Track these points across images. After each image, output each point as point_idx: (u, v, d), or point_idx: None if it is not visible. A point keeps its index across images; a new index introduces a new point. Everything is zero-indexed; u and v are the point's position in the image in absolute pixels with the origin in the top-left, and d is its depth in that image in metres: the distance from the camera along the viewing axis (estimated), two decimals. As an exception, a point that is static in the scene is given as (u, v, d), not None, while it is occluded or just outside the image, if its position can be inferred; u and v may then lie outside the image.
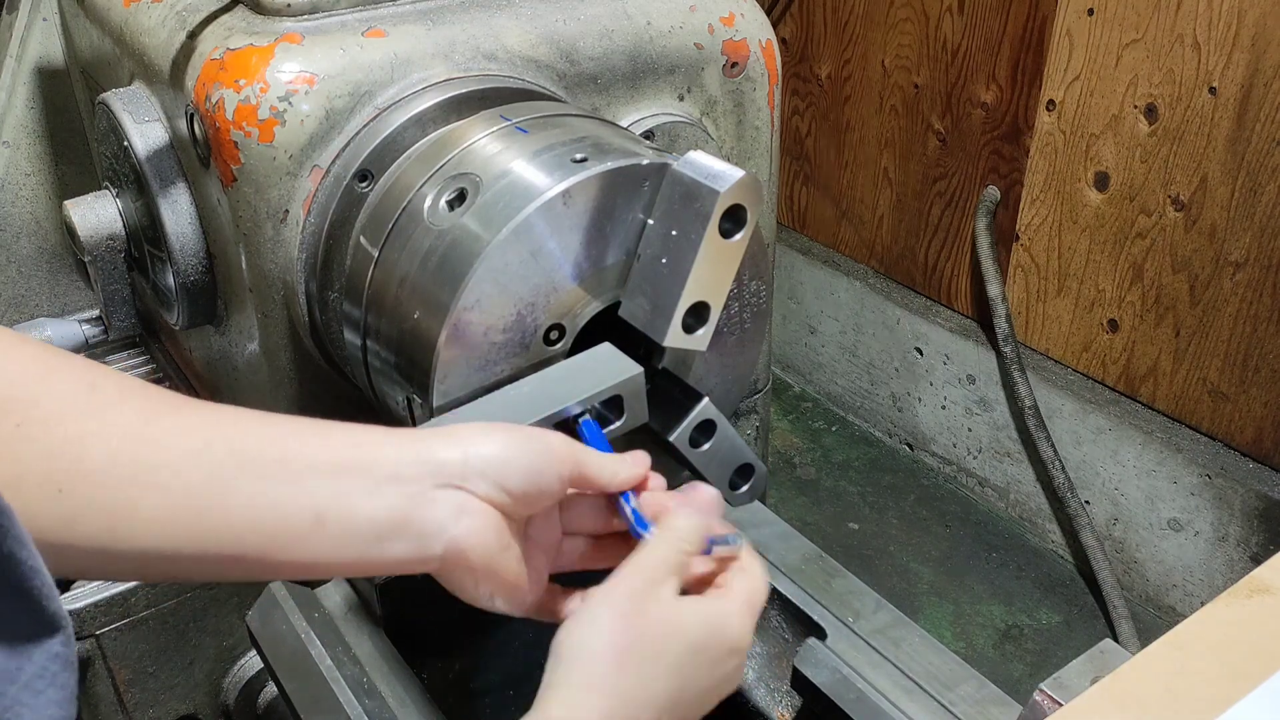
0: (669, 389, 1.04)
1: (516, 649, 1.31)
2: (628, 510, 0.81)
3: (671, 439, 1.00)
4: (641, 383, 0.93)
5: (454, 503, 0.73)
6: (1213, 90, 1.93)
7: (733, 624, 0.77)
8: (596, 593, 0.74)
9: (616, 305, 1.00)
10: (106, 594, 1.24)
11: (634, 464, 0.83)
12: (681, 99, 1.31)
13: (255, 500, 0.69)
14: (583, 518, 0.85)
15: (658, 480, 0.85)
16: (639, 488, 0.84)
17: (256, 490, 0.69)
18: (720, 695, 0.78)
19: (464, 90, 1.14)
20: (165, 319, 1.36)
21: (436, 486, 0.73)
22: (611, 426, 0.93)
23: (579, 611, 0.73)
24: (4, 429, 0.63)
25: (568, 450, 0.78)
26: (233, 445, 0.70)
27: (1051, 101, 2.20)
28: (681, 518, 0.79)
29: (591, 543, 0.86)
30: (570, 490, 0.80)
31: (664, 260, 0.94)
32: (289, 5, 1.14)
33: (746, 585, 0.80)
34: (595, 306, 1.00)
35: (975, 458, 2.58)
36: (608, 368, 0.93)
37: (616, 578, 0.74)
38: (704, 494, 0.85)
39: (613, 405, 0.93)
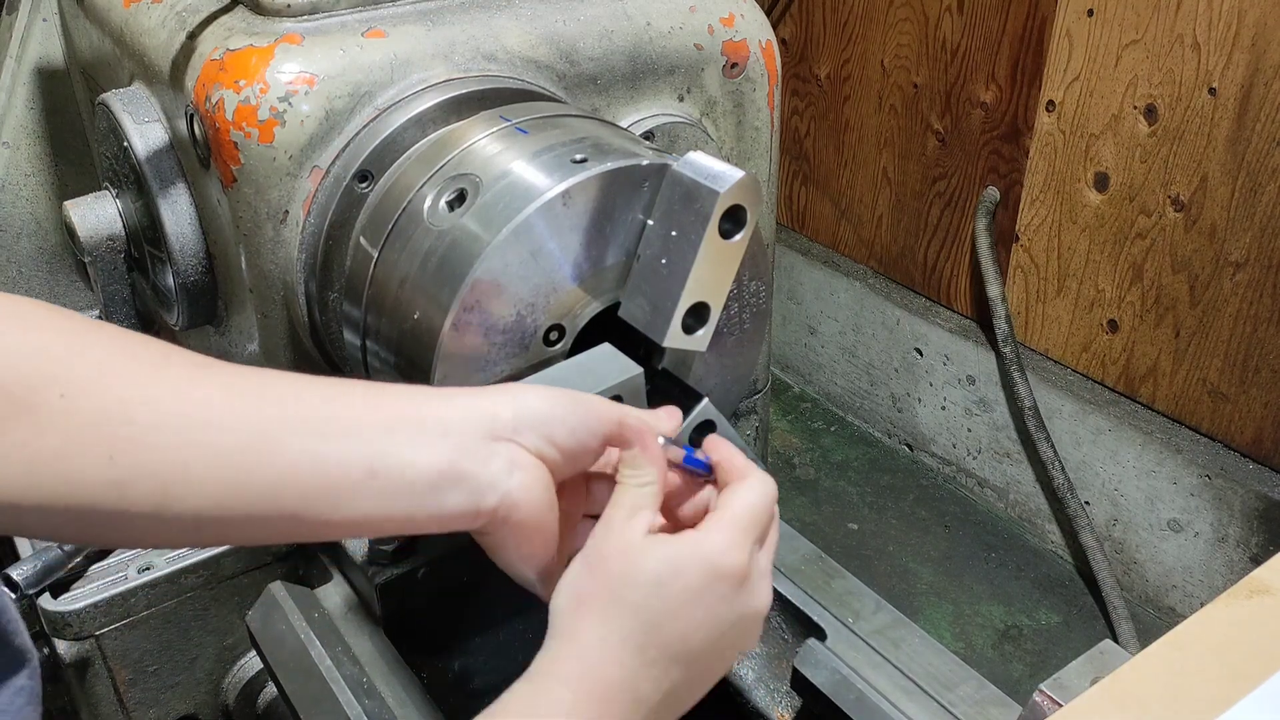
0: (669, 389, 1.04)
1: (516, 649, 1.31)
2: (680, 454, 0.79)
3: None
4: (642, 383, 0.93)
5: (507, 456, 0.72)
6: (1212, 90, 1.93)
7: (707, 550, 0.71)
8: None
9: (616, 306, 1.00)
10: (106, 594, 1.24)
11: (668, 416, 0.82)
12: (681, 99, 1.31)
13: (306, 456, 0.68)
14: (600, 499, 0.83)
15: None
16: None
17: (307, 446, 0.68)
18: (736, 631, 0.73)
19: (464, 91, 1.15)
20: (165, 319, 1.36)
21: (490, 439, 0.72)
22: None
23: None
24: (48, 400, 0.63)
25: (608, 409, 0.77)
26: (283, 403, 0.69)
27: (1051, 102, 2.20)
28: (631, 453, 0.76)
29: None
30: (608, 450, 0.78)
31: (664, 261, 0.94)
32: (289, 6, 1.14)
33: (734, 502, 0.75)
34: (595, 307, 1.00)
35: (975, 458, 2.58)
36: (608, 368, 0.93)
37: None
38: (656, 417, 0.81)
39: None
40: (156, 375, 0.67)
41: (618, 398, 0.92)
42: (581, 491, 0.82)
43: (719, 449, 0.80)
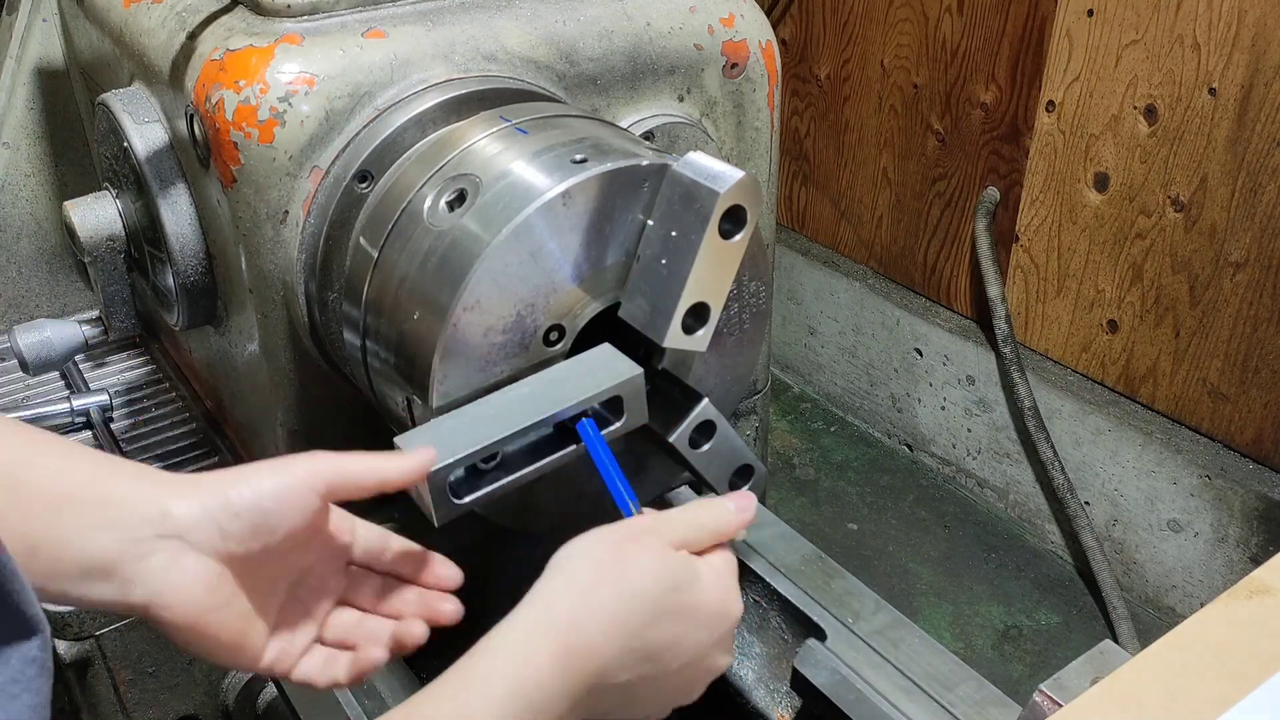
0: (669, 390, 1.04)
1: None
2: (596, 445, 0.86)
3: (671, 440, 1.00)
4: (641, 383, 0.93)
5: (168, 554, 0.72)
6: (1212, 91, 1.93)
7: (685, 576, 0.77)
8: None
9: (616, 306, 1.00)
10: (106, 595, 1.24)
11: (414, 460, 0.80)
12: (681, 100, 1.31)
13: None
14: (364, 597, 0.84)
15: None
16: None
17: None
18: (702, 659, 0.79)
19: (464, 91, 1.14)
20: (165, 319, 1.36)
21: (158, 535, 0.72)
22: (612, 427, 0.93)
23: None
24: None
25: (311, 468, 0.76)
26: None
27: (1051, 102, 2.20)
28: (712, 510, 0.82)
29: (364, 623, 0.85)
30: (337, 499, 0.78)
31: (664, 261, 0.94)
32: (289, 6, 1.14)
33: (716, 554, 0.81)
34: (595, 307, 1.00)
35: (975, 458, 2.58)
36: (608, 368, 0.93)
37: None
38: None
39: (613, 406, 0.93)
40: None
41: (617, 398, 0.92)
42: (331, 563, 0.82)
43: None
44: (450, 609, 0.83)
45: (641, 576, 0.75)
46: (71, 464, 0.73)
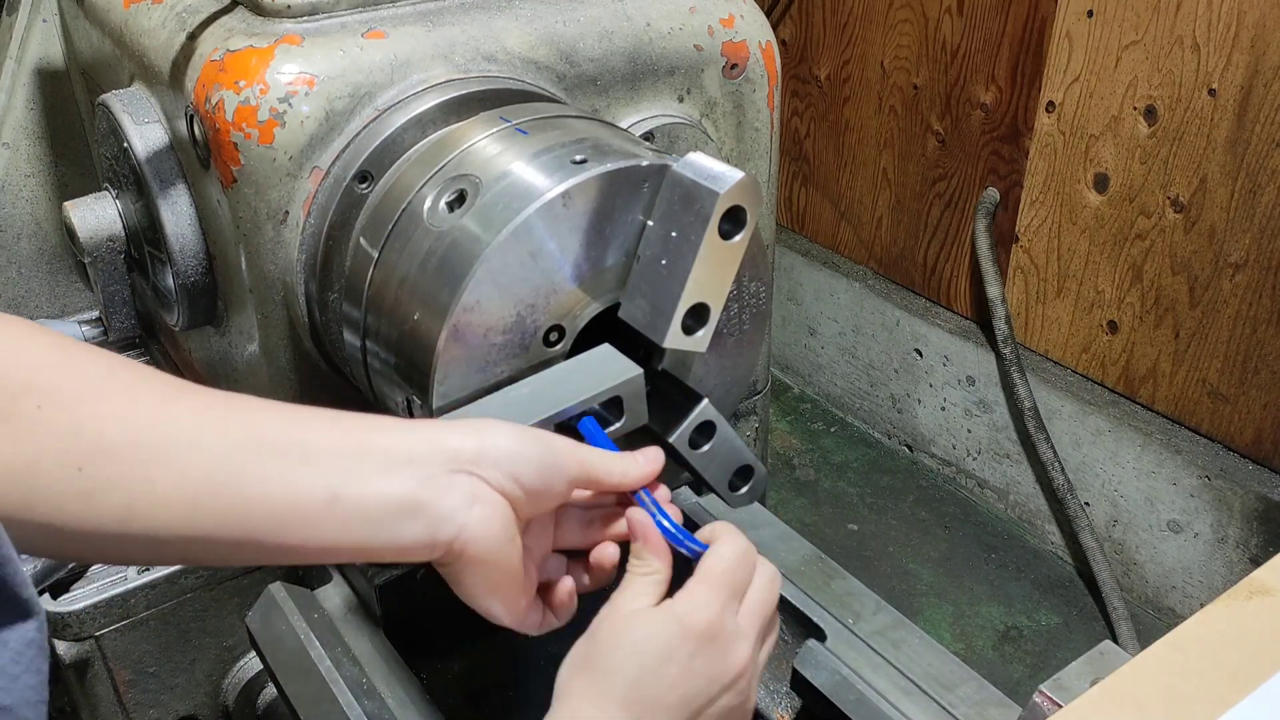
0: (668, 390, 1.04)
1: (516, 650, 1.31)
2: (651, 508, 0.82)
3: (671, 440, 1.00)
4: (641, 384, 0.93)
5: (467, 489, 0.74)
6: (1212, 92, 1.93)
7: (678, 610, 0.76)
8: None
9: (616, 307, 1.00)
10: (106, 595, 1.24)
11: (646, 462, 0.83)
12: (681, 100, 1.31)
13: (270, 480, 0.69)
14: (569, 533, 0.86)
15: (664, 491, 0.85)
16: (652, 486, 0.84)
17: (272, 470, 0.70)
18: (716, 688, 0.76)
19: (464, 92, 1.14)
20: (165, 320, 1.36)
21: (451, 471, 0.73)
22: (611, 428, 0.93)
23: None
24: (25, 410, 0.64)
25: (571, 451, 0.79)
26: (250, 427, 0.71)
27: (1051, 103, 2.20)
28: (638, 546, 0.80)
29: (570, 561, 0.87)
30: (577, 492, 0.80)
31: (663, 261, 0.94)
32: (289, 6, 1.14)
33: (705, 563, 0.80)
34: (595, 308, 1.00)
35: (975, 459, 2.58)
36: (607, 369, 0.93)
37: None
38: (633, 461, 0.84)
39: (612, 406, 0.93)
40: (132, 395, 0.68)
41: (617, 399, 0.92)
42: (549, 528, 0.84)
43: (712, 531, 0.83)
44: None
45: (618, 654, 0.74)
46: (341, 423, 0.74)
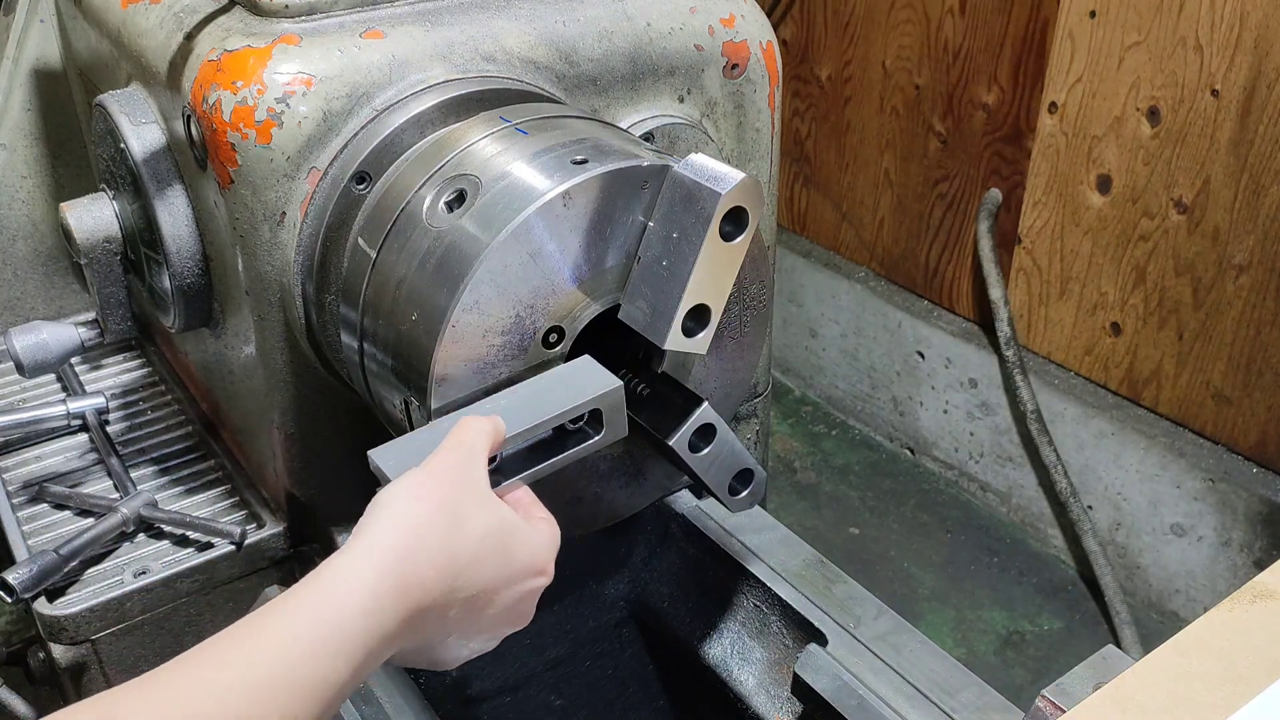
0: (668, 393, 1.03)
1: (514, 655, 1.30)
2: None
3: (671, 443, 1.00)
4: (621, 396, 0.93)
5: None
6: (1215, 93, 1.92)
7: (509, 528, 0.81)
8: None
9: (616, 308, 0.99)
10: (102, 599, 1.24)
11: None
12: (681, 101, 1.31)
13: None
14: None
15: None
16: None
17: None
18: (509, 610, 0.82)
19: (462, 92, 1.14)
20: (161, 322, 1.36)
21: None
22: (591, 440, 0.93)
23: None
24: None
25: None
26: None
27: (1053, 104, 2.20)
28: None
29: None
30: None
31: (664, 263, 0.93)
32: (286, 6, 1.14)
33: (544, 520, 0.86)
34: (595, 309, 0.99)
35: (977, 462, 2.57)
36: (587, 381, 0.92)
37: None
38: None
39: (593, 419, 0.93)
40: None
41: (597, 411, 0.92)
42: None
43: None
44: None
45: (471, 519, 0.78)
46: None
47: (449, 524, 0.77)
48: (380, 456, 0.85)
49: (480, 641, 0.84)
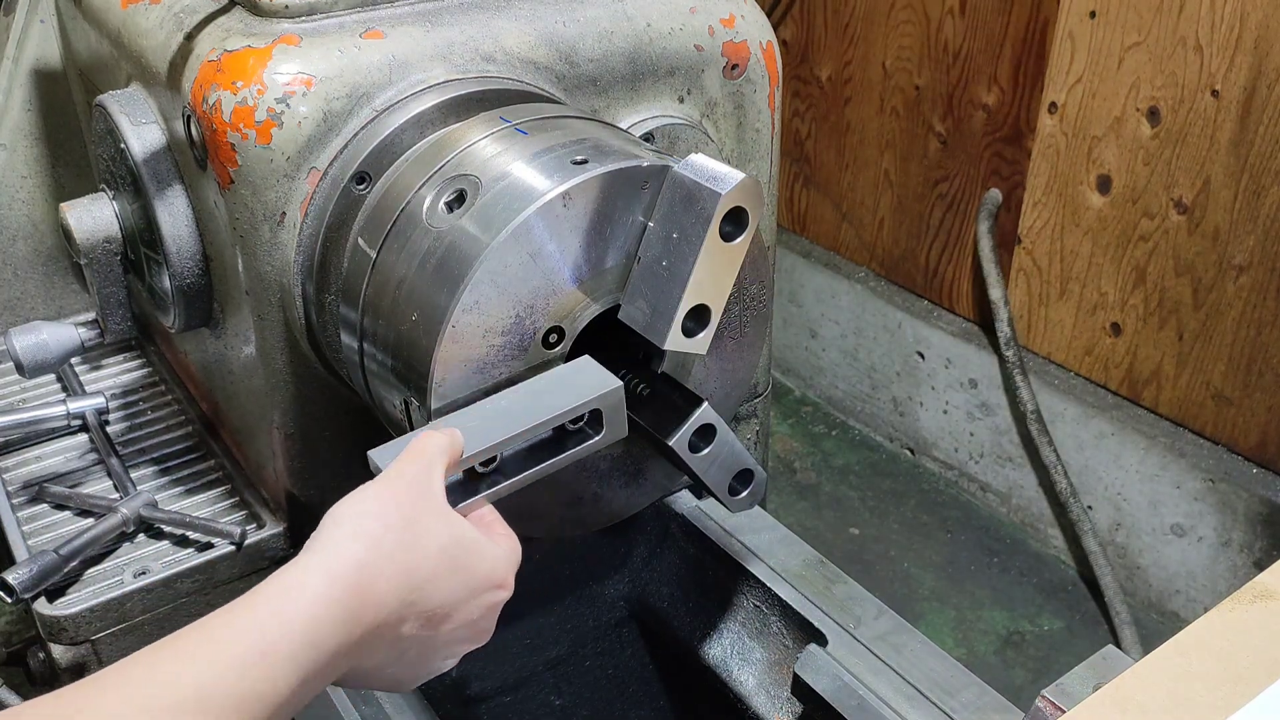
0: (668, 393, 1.03)
1: (514, 655, 1.30)
2: None
3: (671, 444, 1.00)
4: (621, 397, 0.93)
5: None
6: (1215, 93, 1.92)
7: (468, 543, 0.79)
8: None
9: (616, 308, 0.99)
10: (102, 599, 1.24)
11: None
12: (681, 101, 1.31)
13: None
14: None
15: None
16: None
17: None
18: (468, 628, 0.80)
19: (463, 92, 1.14)
20: (161, 322, 1.36)
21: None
22: (591, 441, 0.93)
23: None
24: None
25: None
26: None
27: (1053, 104, 2.20)
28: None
29: None
30: None
31: (664, 263, 0.93)
32: (286, 7, 1.14)
33: (504, 535, 0.85)
34: (595, 309, 0.99)
35: (977, 462, 2.57)
36: (587, 381, 0.92)
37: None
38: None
39: (593, 419, 0.92)
40: None
41: (597, 411, 0.92)
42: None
43: None
44: None
45: (428, 534, 0.76)
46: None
47: (404, 537, 0.75)
48: (380, 457, 0.85)
49: (439, 660, 0.82)
